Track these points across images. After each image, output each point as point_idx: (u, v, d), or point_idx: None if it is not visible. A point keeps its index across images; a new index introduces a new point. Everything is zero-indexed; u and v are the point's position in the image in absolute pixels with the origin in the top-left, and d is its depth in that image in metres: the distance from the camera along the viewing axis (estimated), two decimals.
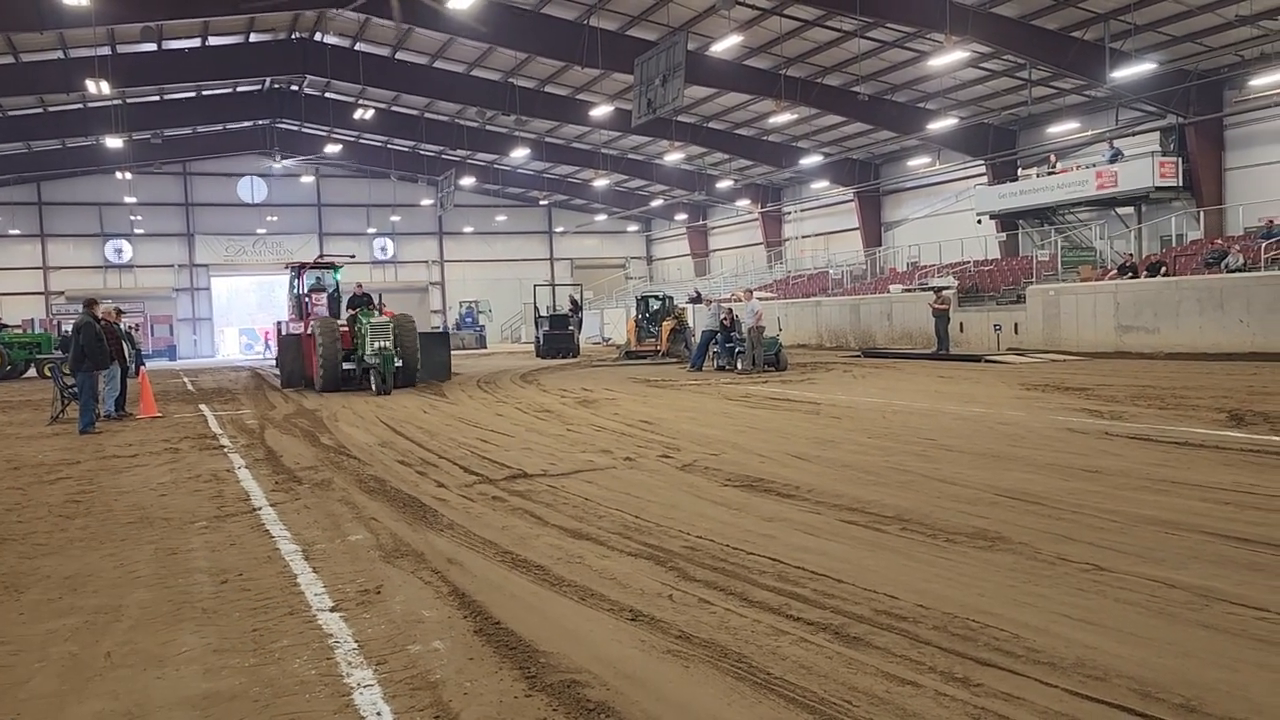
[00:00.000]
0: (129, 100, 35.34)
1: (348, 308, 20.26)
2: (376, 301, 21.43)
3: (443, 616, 4.70)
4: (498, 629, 4.45)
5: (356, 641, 4.38)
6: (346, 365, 18.97)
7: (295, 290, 23.66)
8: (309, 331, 20.49)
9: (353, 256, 31.89)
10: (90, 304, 14.45)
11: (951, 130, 31.98)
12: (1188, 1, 22.45)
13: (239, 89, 39.62)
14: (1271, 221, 23.24)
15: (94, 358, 13.62)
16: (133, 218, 48.36)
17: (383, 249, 53.86)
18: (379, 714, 3.61)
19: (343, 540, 6.44)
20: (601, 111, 33.22)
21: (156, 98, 37.26)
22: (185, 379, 27.90)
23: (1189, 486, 6.95)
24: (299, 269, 23.71)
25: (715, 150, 39.78)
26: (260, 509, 7.64)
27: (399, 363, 18.47)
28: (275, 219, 51.40)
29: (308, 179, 50.50)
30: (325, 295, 23.61)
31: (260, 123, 44.32)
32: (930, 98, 31.35)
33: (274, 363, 26.44)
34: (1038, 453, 8.81)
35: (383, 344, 18.06)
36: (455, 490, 8.13)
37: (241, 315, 53.97)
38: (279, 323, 25.78)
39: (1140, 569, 4.96)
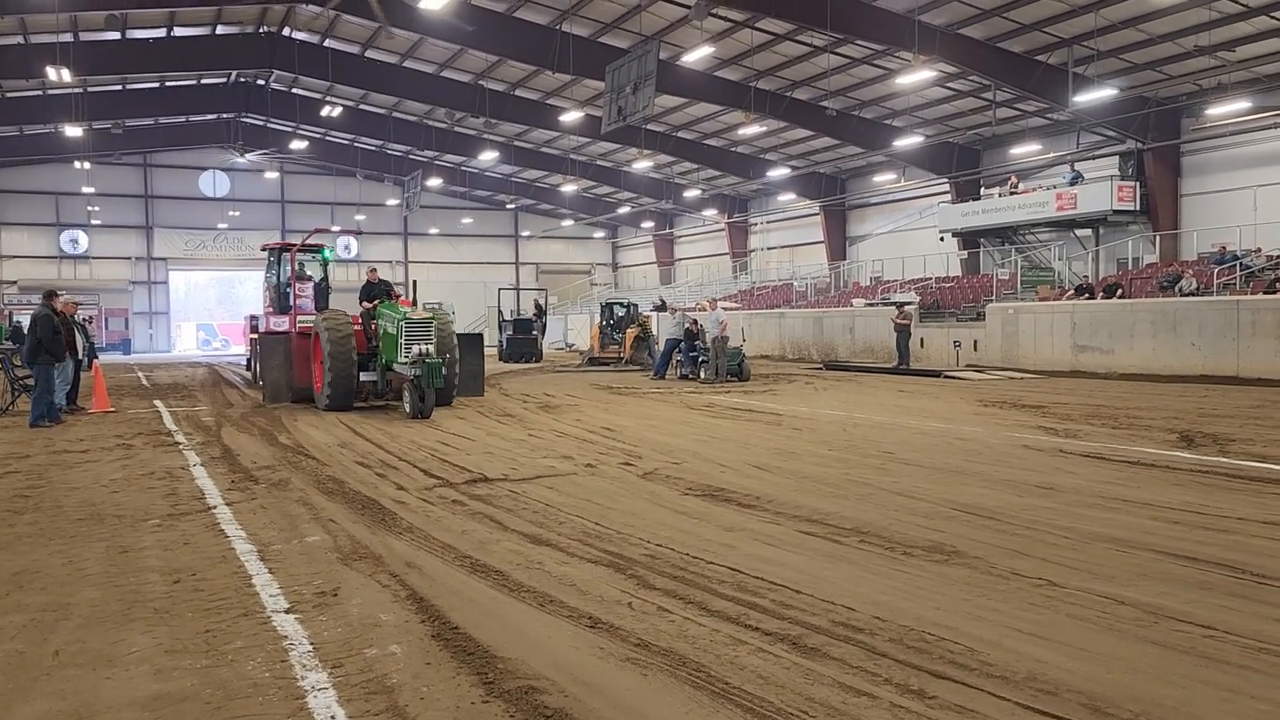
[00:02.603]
0: (90, 89, 34.72)
1: (363, 299, 15.77)
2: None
3: (400, 620, 4.66)
4: (455, 634, 4.43)
5: (312, 644, 4.34)
6: (365, 376, 14.97)
7: (275, 278, 20.53)
8: (296, 330, 16.89)
9: (348, 229, 30.56)
10: (49, 296, 14.17)
11: (917, 148, 32.38)
12: (1149, 30, 22.94)
13: (204, 81, 39.10)
14: (1224, 247, 23.78)
15: (51, 350, 13.35)
16: (90, 208, 47.49)
17: (346, 248, 53.35)
18: (334, 718, 3.57)
19: (299, 541, 6.37)
20: (571, 117, 33.22)
21: (119, 87, 36.66)
22: (140, 374, 27.44)
23: (1140, 505, 7.08)
24: (279, 252, 20.64)
25: (684, 159, 39.93)
26: (215, 508, 7.53)
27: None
28: (237, 214, 50.77)
29: (272, 175, 49.99)
30: (310, 285, 20.49)
31: (224, 116, 43.72)
32: (897, 115, 31.73)
33: (244, 364, 23.81)
34: (994, 469, 8.93)
35: (424, 348, 13.62)
36: (415, 493, 8.07)
37: (200, 310, 53.22)
38: (251, 318, 22.43)
39: (1091, 585, 5.05)
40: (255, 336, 20.47)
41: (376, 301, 15.43)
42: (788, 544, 6.10)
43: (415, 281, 16.18)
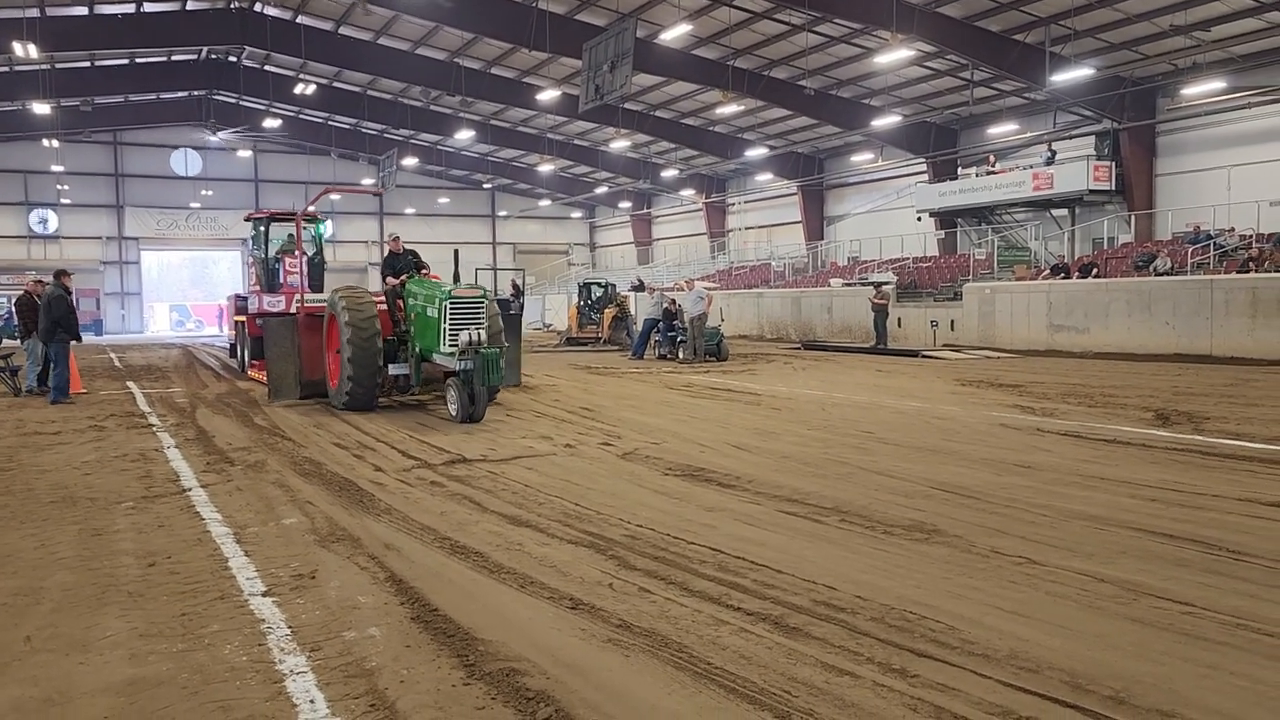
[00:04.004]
0: (58, 65, 34.07)
1: (385, 273, 13.14)
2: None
3: (379, 603, 4.62)
4: (435, 616, 4.39)
5: (289, 627, 4.29)
6: (394, 369, 12.55)
7: (259, 251, 18.55)
8: (298, 311, 13.95)
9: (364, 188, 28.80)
10: (60, 275, 14.32)
11: (894, 127, 32.37)
12: (1126, 9, 22.99)
13: (174, 58, 38.45)
14: (1198, 227, 23.97)
15: (67, 329, 13.77)
16: (59, 187, 46.70)
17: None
18: (312, 702, 3.53)
19: (276, 523, 6.30)
20: (548, 96, 32.94)
21: (87, 63, 35.99)
22: (112, 355, 27.11)
23: (1117, 483, 7.12)
24: (266, 223, 18.56)
25: (661, 139, 39.75)
26: (190, 490, 7.45)
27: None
28: (210, 193, 50.10)
29: (244, 153, 49.35)
30: (304, 261, 17.67)
31: (196, 94, 43.07)
32: (875, 94, 31.70)
33: (228, 349, 21.43)
34: (972, 447, 8.96)
35: (476, 334, 11.09)
36: (393, 474, 8.01)
37: (173, 291, 52.69)
38: (237, 298, 19.84)
39: (1071, 563, 5.07)
40: (243, 319, 18.22)
41: (405, 277, 12.80)
42: (768, 524, 6.09)
43: (457, 250, 12.98)
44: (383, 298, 12.97)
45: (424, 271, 13.02)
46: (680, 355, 21.55)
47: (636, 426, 10.67)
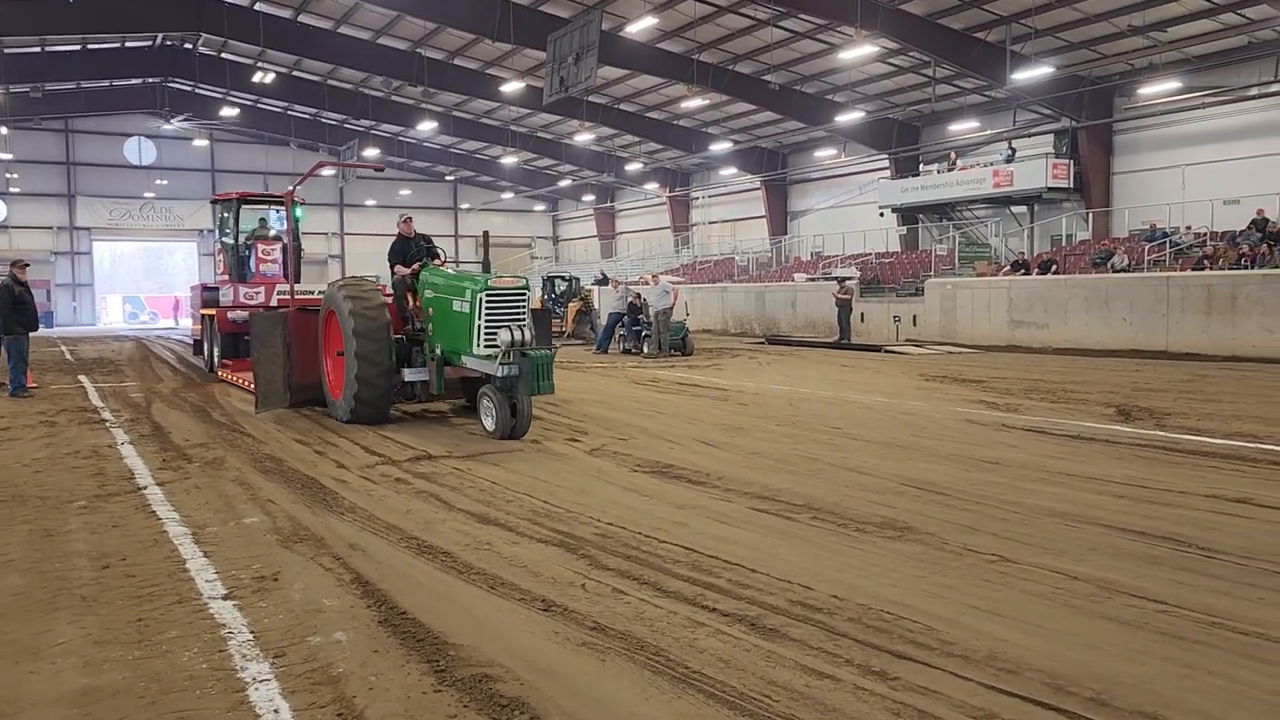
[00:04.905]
0: (6, 50, 33.18)
1: (397, 261, 11.12)
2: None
3: (345, 606, 4.49)
4: (404, 619, 4.27)
5: (252, 632, 4.15)
6: (410, 374, 10.71)
7: (228, 237, 17.07)
8: (278, 303, 12.66)
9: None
10: (14, 265, 14.01)
11: (858, 123, 32.52)
12: (1085, 9, 23.24)
13: (128, 44, 37.66)
14: (1154, 225, 24.33)
15: (24, 322, 13.56)
16: (8, 175, 45.56)
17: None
18: (276, 711, 3.40)
19: (236, 523, 6.13)
20: (512, 88, 32.71)
21: (37, 49, 35.12)
22: (63, 348, 26.45)
23: (1084, 479, 7.16)
24: (234, 205, 17.06)
25: (626, 132, 39.63)
26: (146, 488, 7.23)
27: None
28: (165, 183, 49.16)
29: (201, 142, 48.45)
30: (278, 247, 16.96)
31: (150, 81, 42.24)
32: (838, 90, 31.81)
33: (192, 345, 19.70)
34: (939, 443, 8.98)
35: (519, 333, 9.23)
36: (356, 471, 7.85)
37: (126, 283, 51.65)
38: (203, 288, 17.60)
39: (1043, 560, 5.06)
40: (211, 313, 16.45)
41: (418, 265, 10.88)
42: (740, 521, 6.03)
43: (487, 232, 11.10)
44: (389, 289, 11.34)
45: (439, 260, 11.16)
46: (645, 350, 21.48)
47: (603, 422, 10.57)
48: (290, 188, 12.80)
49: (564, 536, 5.69)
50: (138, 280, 51.99)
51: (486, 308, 9.48)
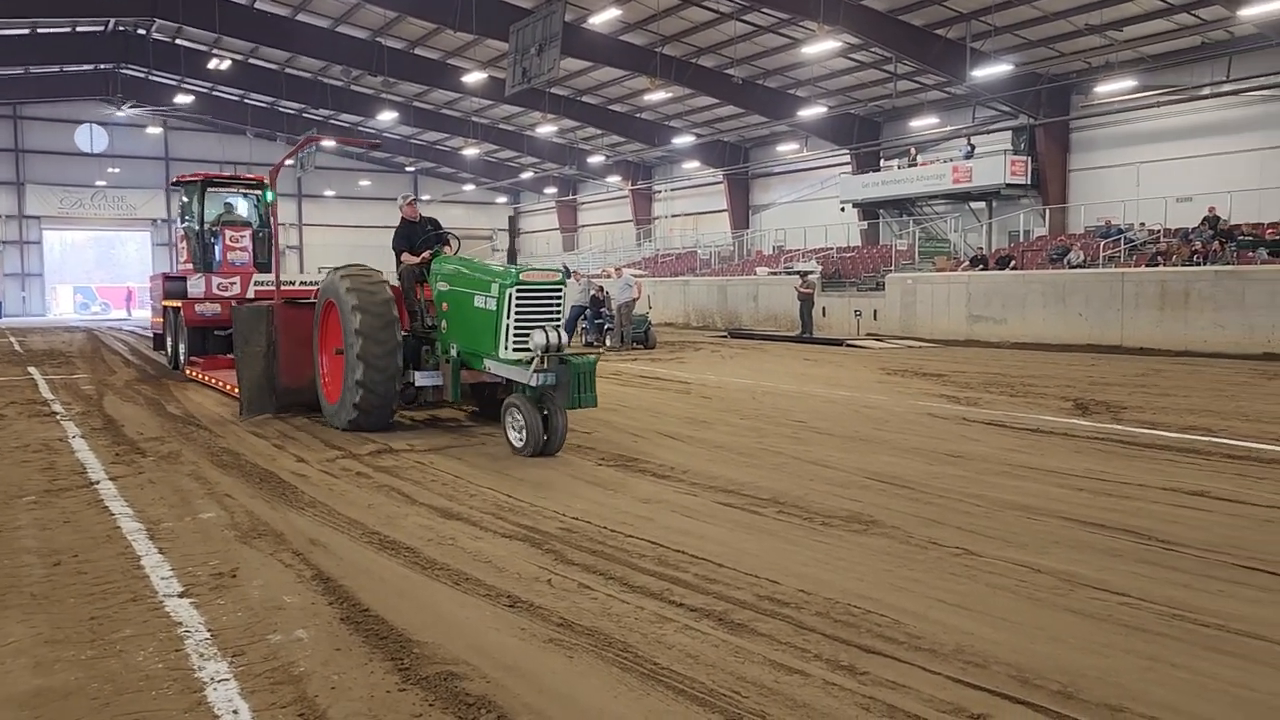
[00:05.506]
0: None
1: (404, 248, 9.72)
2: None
3: (306, 603, 4.40)
4: (366, 616, 4.19)
5: (209, 631, 4.05)
6: (423, 379, 9.36)
7: (192, 223, 16.03)
8: (277, 297, 11.19)
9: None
10: None
11: (820, 118, 32.67)
12: (1043, 7, 23.52)
13: (79, 29, 36.77)
14: (1109, 221, 24.71)
15: None
16: None
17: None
18: (236, 712, 3.32)
19: (193, 518, 6.00)
20: (474, 78, 32.46)
21: None
22: (12, 339, 25.85)
23: (1044, 472, 7.23)
24: (199, 188, 15.93)
25: (588, 125, 39.48)
26: (98, 483, 7.06)
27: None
28: (117, 171, 48.18)
29: (154, 130, 47.44)
30: (246, 234, 16.07)
31: (102, 67, 41.27)
32: (801, 85, 31.92)
33: (152, 339, 18.55)
34: (902, 436, 9.03)
35: (556, 335, 8.03)
36: (316, 465, 7.72)
37: (77, 273, 50.57)
38: (165, 279, 16.34)
39: (1007, 553, 5.10)
40: (176, 305, 15.34)
41: (429, 253, 9.58)
42: (706, 515, 6.01)
43: (513, 218, 9.19)
44: (397, 279, 9.95)
45: (449, 248, 9.82)
46: (608, 343, 21.43)
47: None
48: (275, 165, 11.89)
49: (529, 531, 5.63)
50: (89, 270, 50.88)
51: (517, 304, 8.22)
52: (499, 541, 5.43)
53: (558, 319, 8.44)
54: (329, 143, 43.55)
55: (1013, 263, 24.85)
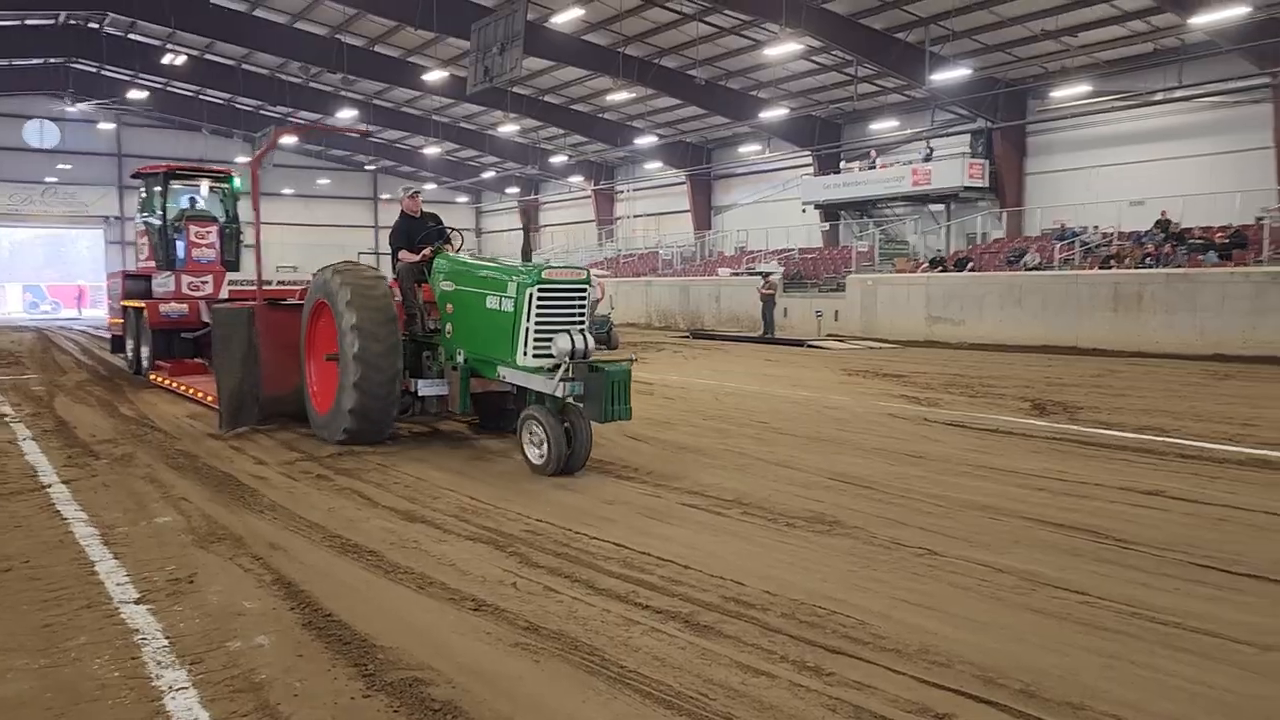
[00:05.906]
0: None
1: (401, 244, 9.08)
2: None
3: (266, 608, 4.33)
4: (329, 621, 4.14)
5: (167, 638, 3.97)
6: (426, 389, 8.63)
7: (153, 217, 14.90)
8: (257, 299, 10.29)
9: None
10: None
11: (781, 120, 32.83)
12: (1001, 13, 23.84)
13: (28, 21, 35.93)
14: (1064, 224, 25.10)
15: None
16: None
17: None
18: None
19: (148, 523, 5.88)
20: (435, 77, 32.20)
21: None
22: None
23: (1004, 472, 7.32)
24: (162, 180, 14.89)
25: (550, 124, 39.34)
26: (50, 486, 6.90)
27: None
28: (68, 167, 47.15)
29: (107, 126, 46.53)
30: (213, 229, 15.13)
31: (53, 61, 40.38)
32: (763, 86, 32.06)
33: (110, 342, 17.44)
34: (864, 437, 9.10)
35: (580, 340, 7.30)
36: (275, 467, 7.62)
37: (25, 271, 49.48)
38: (125, 276, 15.47)
39: (969, 553, 5.15)
40: (139, 305, 14.33)
41: (430, 250, 8.92)
42: (671, 517, 6.01)
43: (526, 210, 8.36)
44: (394, 278, 9.18)
45: (452, 245, 9.20)
46: None
47: None
48: (254, 156, 10.86)
49: (492, 534, 5.59)
50: (38, 269, 49.82)
51: (538, 306, 7.43)
52: (463, 544, 5.38)
53: (583, 322, 7.68)
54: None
55: (970, 264, 25.16)
